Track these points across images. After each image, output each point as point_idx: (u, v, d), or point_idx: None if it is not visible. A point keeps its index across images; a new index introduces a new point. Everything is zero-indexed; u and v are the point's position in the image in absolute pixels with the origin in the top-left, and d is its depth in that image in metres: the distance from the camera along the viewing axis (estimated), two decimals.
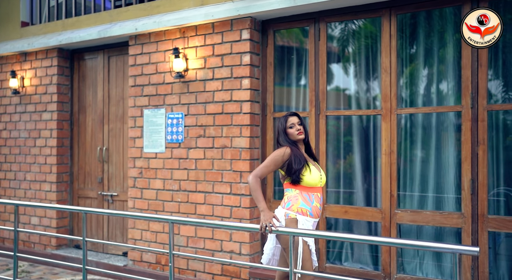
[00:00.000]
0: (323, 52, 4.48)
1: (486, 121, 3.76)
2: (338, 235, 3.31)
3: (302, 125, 3.35)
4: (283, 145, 3.29)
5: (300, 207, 3.19)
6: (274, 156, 3.23)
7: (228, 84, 4.66)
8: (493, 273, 3.81)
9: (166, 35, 5.05)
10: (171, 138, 5.00)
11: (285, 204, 3.23)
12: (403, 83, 4.20)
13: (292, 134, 3.31)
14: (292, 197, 3.23)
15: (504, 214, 3.76)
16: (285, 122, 3.33)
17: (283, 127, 3.34)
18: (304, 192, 3.22)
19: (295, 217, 3.17)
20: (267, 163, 3.22)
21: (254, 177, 3.17)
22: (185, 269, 4.93)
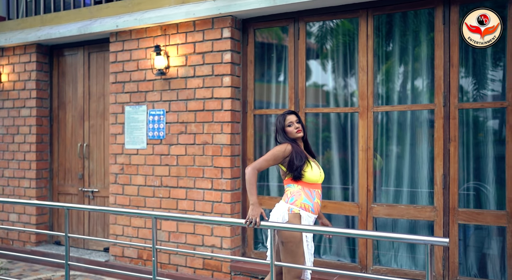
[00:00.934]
0: (302, 51, 4.59)
1: (457, 119, 3.94)
2: (317, 229, 3.42)
3: (300, 123, 3.41)
4: (283, 143, 3.34)
5: (303, 203, 3.24)
6: (275, 151, 3.27)
7: (209, 81, 4.74)
8: (462, 264, 4.00)
9: (147, 32, 5.09)
10: (152, 134, 5.06)
11: (289, 199, 3.27)
12: (380, 82, 4.35)
13: (290, 132, 3.37)
14: (295, 192, 3.27)
15: (473, 207, 3.95)
16: (283, 120, 3.38)
17: (281, 126, 3.38)
18: (306, 188, 3.28)
19: (299, 212, 3.22)
20: (267, 157, 3.27)
21: (253, 170, 3.21)
22: (167, 264, 5.00)
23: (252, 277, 4.57)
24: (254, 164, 3.25)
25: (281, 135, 3.39)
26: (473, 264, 4.00)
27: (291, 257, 3.20)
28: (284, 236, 3.20)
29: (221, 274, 4.70)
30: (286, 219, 3.22)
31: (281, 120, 3.39)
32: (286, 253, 3.21)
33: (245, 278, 4.61)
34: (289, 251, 3.20)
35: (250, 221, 3.10)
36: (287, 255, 3.21)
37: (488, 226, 3.92)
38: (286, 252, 3.21)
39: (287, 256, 3.21)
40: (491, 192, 3.91)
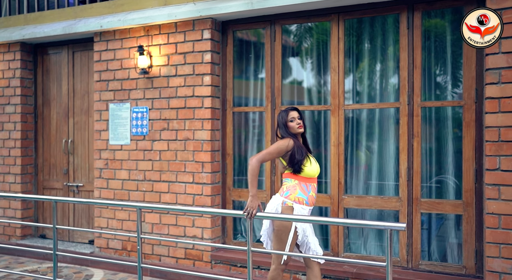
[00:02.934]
0: (278, 52, 4.87)
1: (420, 116, 4.27)
2: (290, 217, 3.69)
3: (302, 119, 3.60)
4: (285, 137, 3.53)
5: (297, 197, 3.45)
6: (279, 145, 3.44)
7: (190, 80, 4.98)
8: (424, 250, 4.35)
9: (131, 33, 5.31)
10: (136, 131, 5.28)
11: (284, 192, 3.48)
12: (350, 82, 4.65)
13: (292, 128, 3.55)
14: (290, 187, 3.48)
15: (434, 198, 4.29)
16: (286, 116, 3.56)
17: (284, 121, 3.56)
18: (302, 183, 3.48)
19: (292, 205, 3.43)
20: (271, 150, 3.43)
21: (257, 162, 3.37)
22: (150, 254, 5.24)
23: (232, 266, 4.85)
24: (258, 156, 3.40)
25: (283, 130, 3.56)
26: (434, 250, 4.34)
27: (278, 244, 3.48)
28: (275, 224, 3.46)
29: (202, 263, 4.97)
30: (279, 211, 3.46)
31: (284, 116, 3.58)
32: (275, 239, 3.50)
33: (224, 266, 4.88)
34: (278, 238, 3.48)
35: (247, 212, 3.29)
36: (275, 241, 3.50)
37: (447, 215, 4.27)
38: (275, 239, 3.50)
39: (276, 242, 3.50)
40: (450, 183, 4.26)
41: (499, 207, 3.71)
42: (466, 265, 4.12)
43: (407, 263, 4.32)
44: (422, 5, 4.24)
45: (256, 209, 3.30)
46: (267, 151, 3.45)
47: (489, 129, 3.76)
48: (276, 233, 3.47)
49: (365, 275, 4.25)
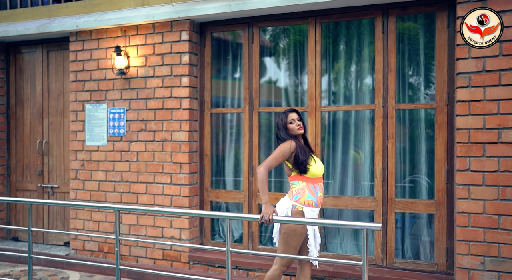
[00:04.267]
0: (256, 54, 4.92)
1: (394, 118, 4.38)
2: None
3: (301, 120, 3.62)
4: (286, 139, 3.54)
5: (307, 200, 3.45)
6: (282, 149, 3.46)
7: (168, 81, 4.98)
8: (398, 248, 4.47)
9: (108, 33, 5.27)
10: (113, 131, 5.24)
11: (293, 196, 3.47)
12: (327, 84, 4.73)
13: (292, 129, 3.57)
14: (300, 190, 3.47)
15: (408, 197, 4.42)
16: (285, 117, 3.58)
17: (283, 123, 3.57)
18: (310, 184, 3.49)
19: (302, 209, 3.43)
20: (276, 155, 3.44)
21: (265, 169, 3.38)
22: (128, 256, 5.22)
23: (210, 266, 4.88)
24: (265, 164, 3.41)
25: (283, 132, 3.58)
26: (408, 248, 4.47)
27: (284, 247, 3.49)
28: (284, 227, 3.47)
29: (180, 264, 4.98)
30: (289, 215, 3.46)
31: (283, 118, 3.60)
32: (282, 242, 3.50)
33: (202, 267, 4.90)
34: (284, 241, 3.48)
35: (264, 219, 3.28)
36: (282, 244, 3.50)
37: (420, 214, 4.40)
38: (282, 241, 3.50)
39: (281, 244, 3.50)
40: (423, 183, 4.39)
41: (469, 206, 3.85)
42: (438, 262, 4.25)
43: (382, 262, 4.43)
44: (396, 10, 4.35)
45: (272, 214, 3.30)
46: (272, 157, 3.46)
47: (460, 131, 3.89)
48: (283, 236, 3.47)
49: (342, 274, 4.34)
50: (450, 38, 4.16)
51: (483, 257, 3.82)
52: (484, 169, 3.81)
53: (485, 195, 3.81)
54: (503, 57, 3.76)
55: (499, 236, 3.78)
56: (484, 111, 3.81)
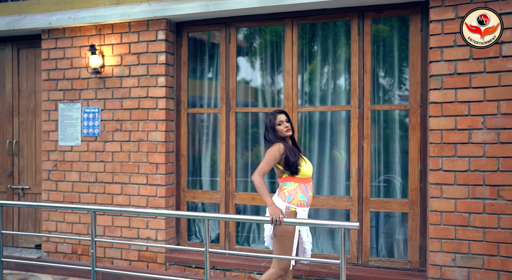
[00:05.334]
0: (233, 54, 4.92)
1: (369, 119, 4.47)
2: (247, 218, 3.78)
3: (289, 122, 3.65)
4: (274, 141, 3.53)
5: (299, 200, 3.47)
6: (271, 152, 3.45)
7: (144, 81, 4.94)
8: (373, 247, 4.55)
9: (82, 31, 5.17)
10: (87, 131, 5.16)
11: (286, 198, 3.47)
12: (303, 85, 4.79)
13: (281, 131, 3.57)
14: (292, 190, 3.49)
15: (383, 197, 4.51)
16: (274, 119, 3.58)
17: (272, 124, 3.57)
18: (302, 185, 3.51)
19: (295, 210, 3.45)
20: (267, 160, 3.43)
21: (260, 175, 3.38)
22: (102, 257, 5.14)
23: (187, 267, 4.86)
24: (259, 171, 3.40)
25: (271, 133, 3.58)
26: (382, 246, 4.56)
27: (281, 249, 3.47)
28: (278, 230, 3.45)
29: (156, 265, 4.94)
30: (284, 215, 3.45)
31: (272, 119, 3.59)
32: (278, 246, 3.48)
33: (179, 268, 4.88)
34: (281, 244, 3.47)
35: (275, 219, 3.24)
36: (278, 247, 3.48)
37: (394, 213, 4.50)
38: (278, 245, 3.48)
39: (278, 248, 3.48)
40: (397, 183, 4.49)
41: (441, 205, 3.97)
42: (411, 260, 4.36)
43: (357, 260, 4.51)
44: (372, 13, 4.44)
45: (281, 214, 3.26)
46: (264, 163, 3.44)
47: (433, 132, 4.00)
48: (279, 239, 3.46)
49: (318, 273, 4.40)
50: (423, 41, 4.27)
51: (454, 254, 3.94)
52: (456, 169, 3.93)
53: (456, 194, 3.93)
54: (473, 61, 3.88)
55: (469, 233, 3.90)
56: (456, 112, 3.93)
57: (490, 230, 3.84)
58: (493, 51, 3.82)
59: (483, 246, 3.86)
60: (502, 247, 3.82)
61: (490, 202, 3.84)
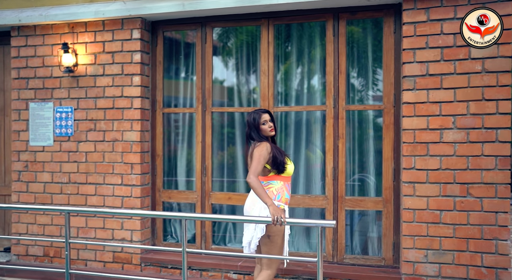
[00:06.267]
0: (209, 54, 4.92)
1: (344, 119, 4.54)
2: (225, 217, 3.78)
3: (273, 122, 3.63)
4: (259, 141, 3.52)
5: (286, 198, 3.52)
6: (261, 152, 3.42)
7: (119, 80, 4.88)
8: (348, 245, 4.63)
9: (54, 29, 5.07)
10: (60, 131, 5.05)
11: (275, 196, 3.49)
12: (279, 84, 4.82)
13: (265, 130, 3.57)
14: (279, 189, 3.51)
15: (358, 195, 4.59)
16: (259, 118, 3.55)
17: (257, 123, 3.55)
18: (286, 183, 3.55)
19: (283, 207, 3.49)
20: (259, 160, 3.39)
21: (255, 176, 3.34)
22: (76, 259, 5.05)
23: (162, 267, 4.82)
24: (253, 172, 3.36)
25: (255, 133, 3.56)
26: (357, 244, 4.65)
27: (275, 249, 3.48)
28: (272, 230, 3.45)
29: (132, 266, 4.89)
30: None
31: (256, 118, 3.57)
32: (273, 246, 3.48)
33: (155, 268, 4.84)
34: (274, 244, 3.48)
35: (277, 219, 3.20)
36: (272, 247, 3.49)
37: (368, 211, 4.59)
38: (272, 245, 3.48)
39: (271, 248, 3.49)
40: (372, 181, 4.58)
41: (414, 203, 4.07)
42: (385, 257, 4.45)
43: (333, 258, 4.58)
44: (346, 15, 4.51)
45: (283, 214, 3.23)
46: (257, 163, 3.40)
47: (406, 132, 4.10)
48: (273, 239, 3.47)
49: (294, 271, 4.44)
50: (397, 43, 4.36)
51: (426, 250, 4.05)
52: (428, 168, 4.03)
53: (428, 192, 4.04)
54: (444, 62, 4.00)
55: (440, 230, 4.02)
56: (428, 112, 4.03)
57: (460, 227, 3.97)
58: (463, 53, 3.95)
59: (453, 242, 3.98)
60: (471, 243, 3.95)
61: (460, 200, 3.97)
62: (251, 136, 3.60)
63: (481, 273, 3.92)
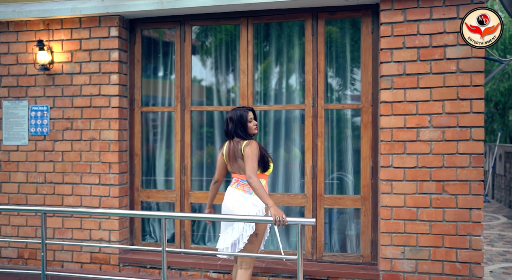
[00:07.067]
0: (188, 53, 4.90)
1: (323, 118, 4.58)
2: (213, 217, 3.75)
3: (256, 120, 3.66)
4: (247, 139, 3.52)
5: (269, 195, 3.59)
6: (253, 151, 3.43)
7: (96, 78, 4.81)
8: (327, 242, 4.68)
9: (28, 25, 4.97)
10: (35, 130, 4.95)
11: None
12: (258, 83, 4.84)
13: (250, 128, 3.59)
14: (264, 187, 3.52)
15: (336, 193, 4.64)
16: (247, 115, 3.57)
17: (244, 120, 3.56)
18: (265, 181, 3.60)
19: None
20: (253, 158, 3.39)
21: (255, 176, 3.34)
22: (52, 261, 4.96)
23: (141, 267, 4.78)
24: (253, 171, 3.35)
25: (242, 131, 3.55)
26: (336, 242, 4.70)
27: (255, 247, 3.55)
28: (260, 228, 3.51)
29: (110, 267, 4.83)
30: (265, 213, 3.51)
31: (244, 115, 3.57)
32: (257, 244, 3.55)
33: (133, 269, 4.79)
34: (259, 240, 3.56)
35: (279, 220, 3.21)
36: (256, 245, 3.55)
37: (347, 209, 4.65)
38: (257, 242, 3.55)
39: (254, 246, 3.54)
40: (350, 179, 4.64)
41: (392, 200, 4.14)
42: (363, 254, 4.52)
43: (312, 256, 4.62)
44: (325, 14, 4.55)
45: (284, 214, 3.24)
46: (253, 161, 3.39)
47: (383, 130, 4.16)
48: (258, 237, 3.52)
49: (274, 269, 4.46)
50: (374, 43, 4.43)
51: (403, 247, 4.12)
52: (405, 166, 4.11)
53: (405, 189, 4.11)
54: (421, 62, 4.08)
55: (417, 227, 4.10)
56: (405, 111, 4.11)
57: (436, 223, 4.05)
58: (438, 54, 4.03)
59: (429, 239, 4.07)
60: (446, 239, 4.04)
61: (436, 197, 4.05)
62: (236, 133, 3.57)
63: (455, 268, 4.01)
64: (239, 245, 3.52)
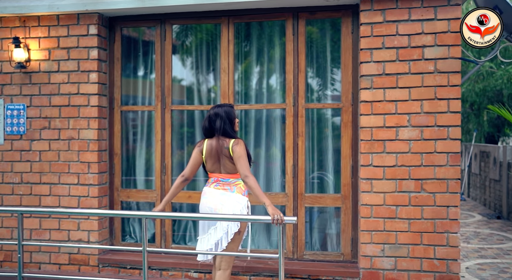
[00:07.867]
0: (168, 52, 4.86)
1: (304, 117, 4.61)
2: (189, 216, 3.76)
3: None
4: (234, 137, 3.52)
5: (249, 193, 3.61)
6: (243, 149, 3.45)
7: (75, 77, 4.74)
8: (308, 241, 4.71)
9: (3, 22, 4.86)
10: (11, 129, 4.85)
11: (244, 192, 3.57)
12: (239, 83, 4.84)
13: (236, 125, 3.62)
14: (243, 185, 3.56)
15: (316, 192, 4.67)
16: (234, 112, 3.58)
17: (232, 117, 3.57)
18: None
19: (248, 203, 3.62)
20: (244, 157, 3.42)
21: (251, 175, 3.38)
22: (28, 263, 4.87)
23: (121, 268, 4.73)
24: (248, 169, 3.40)
25: (230, 128, 3.54)
26: (316, 240, 4.73)
27: (236, 245, 3.57)
28: (243, 225, 3.53)
29: (89, 268, 4.76)
30: (248, 209, 3.55)
31: (232, 112, 3.58)
32: (238, 242, 3.58)
33: (113, 269, 4.74)
34: (241, 238, 3.59)
35: (277, 219, 3.21)
36: (237, 243, 3.57)
37: (328, 207, 4.68)
38: (239, 240, 3.57)
39: (237, 244, 3.57)
40: (330, 178, 4.67)
41: (371, 199, 4.19)
42: (344, 252, 4.56)
43: (293, 254, 4.64)
44: (306, 14, 4.58)
45: (281, 213, 3.25)
46: (244, 160, 3.42)
47: (363, 129, 4.21)
48: (240, 235, 3.55)
49: (255, 268, 4.47)
50: (354, 43, 4.47)
51: (383, 245, 4.17)
52: (384, 164, 4.16)
53: (385, 188, 4.17)
54: (400, 62, 4.14)
55: (396, 224, 4.16)
56: (384, 111, 4.16)
57: (414, 221, 4.12)
58: (417, 54, 4.10)
59: (408, 236, 4.13)
60: (424, 236, 4.11)
61: (415, 195, 4.12)
62: (225, 130, 3.52)
63: (433, 265, 4.08)
64: (221, 244, 3.50)
